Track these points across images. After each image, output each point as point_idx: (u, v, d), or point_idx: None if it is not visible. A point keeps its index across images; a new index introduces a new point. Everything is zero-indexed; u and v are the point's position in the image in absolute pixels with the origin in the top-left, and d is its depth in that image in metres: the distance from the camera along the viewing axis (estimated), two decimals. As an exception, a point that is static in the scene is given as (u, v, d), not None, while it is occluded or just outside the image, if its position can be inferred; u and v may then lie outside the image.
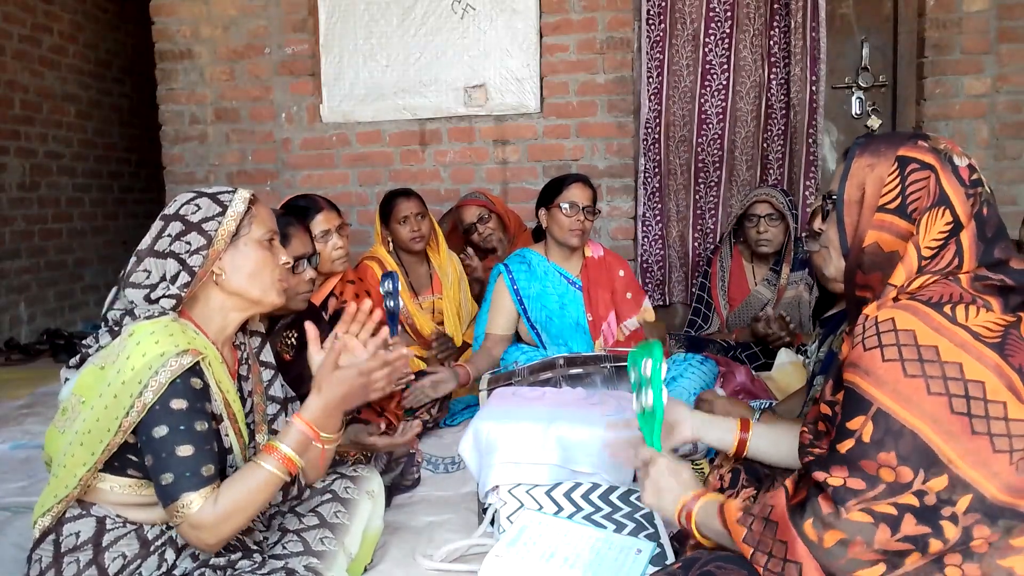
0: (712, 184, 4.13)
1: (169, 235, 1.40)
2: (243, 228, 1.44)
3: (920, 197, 1.16)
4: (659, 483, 1.35)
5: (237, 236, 1.43)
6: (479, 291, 3.31)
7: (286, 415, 1.60)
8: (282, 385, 1.62)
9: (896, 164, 1.18)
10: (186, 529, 1.28)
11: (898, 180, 1.17)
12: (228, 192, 1.46)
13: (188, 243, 1.39)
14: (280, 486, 1.36)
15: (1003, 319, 1.10)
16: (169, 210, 1.44)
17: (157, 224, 1.43)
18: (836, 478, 1.08)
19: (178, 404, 1.28)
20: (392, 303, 2.42)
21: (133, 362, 1.28)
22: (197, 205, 1.43)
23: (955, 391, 1.04)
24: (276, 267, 1.48)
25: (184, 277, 1.38)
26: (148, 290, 1.38)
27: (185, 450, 1.27)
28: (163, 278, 1.38)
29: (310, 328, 1.42)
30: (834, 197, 1.25)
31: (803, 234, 3.25)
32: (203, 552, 1.38)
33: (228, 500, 1.29)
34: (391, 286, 2.41)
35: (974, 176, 1.17)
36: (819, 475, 1.10)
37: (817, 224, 1.97)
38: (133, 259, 1.42)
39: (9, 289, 4.79)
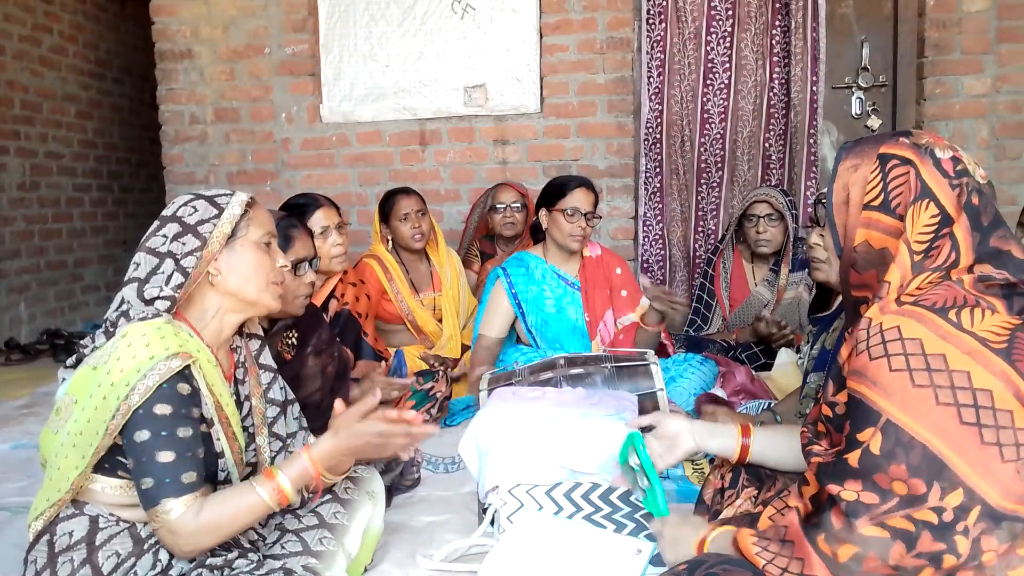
0: (714, 184, 4.12)
1: (165, 235, 1.40)
2: (240, 230, 1.44)
3: (902, 192, 1.16)
4: (675, 539, 1.39)
5: (233, 238, 1.43)
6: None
7: (285, 418, 1.60)
8: (282, 388, 1.62)
9: (878, 162, 1.19)
10: (164, 533, 1.29)
11: (879, 177, 1.18)
12: (226, 195, 1.46)
13: (183, 243, 1.39)
14: (266, 514, 1.37)
15: (1009, 322, 1.09)
16: (167, 211, 1.44)
17: (155, 224, 1.44)
18: (850, 492, 1.08)
19: (162, 409, 1.28)
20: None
21: (122, 364, 1.28)
22: (194, 207, 1.43)
23: (964, 401, 1.04)
24: (272, 270, 1.48)
25: (178, 278, 1.38)
26: (138, 284, 1.37)
27: (166, 456, 1.27)
28: (153, 272, 1.38)
29: (339, 405, 1.43)
30: (824, 201, 1.26)
31: (803, 234, 3.25)
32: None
33: (212, 514, 1.29)
34: (397, 367, 2.51)
35: (959, 167, 1.17)
36: (833, 488, 1.10)
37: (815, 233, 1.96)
38: (135, 256, 1.42)
39: (9, 289, 4.79)
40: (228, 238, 1.42)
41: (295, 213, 2.40)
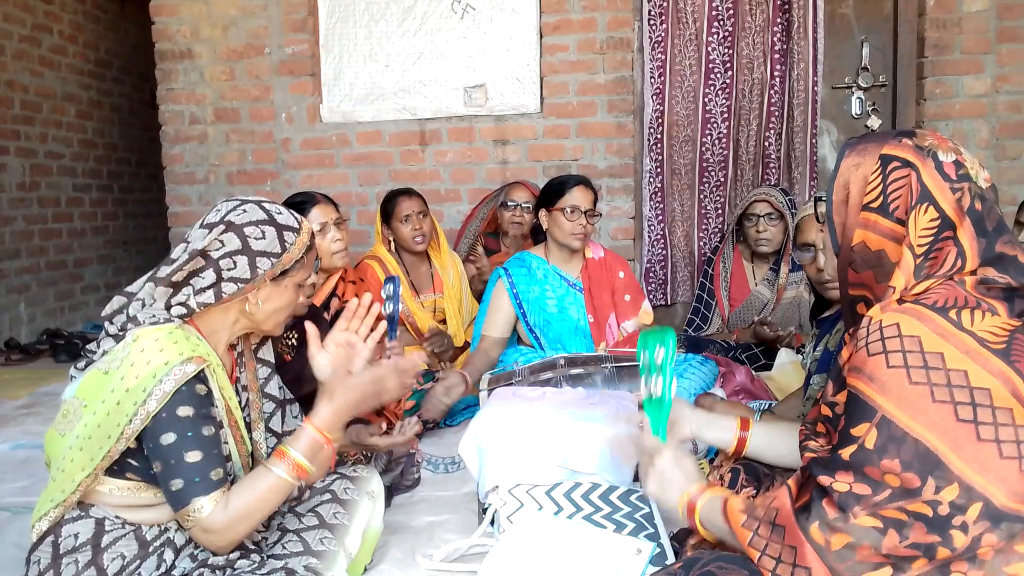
0: (717, 184, 4.12)
1: (222, 242, 1.39)
2: (290, 271, 1.44)
3: (902, 195, 1.15)
4: (664, 474, 1.35)
5: (282, 276, 1.43)
6: (483, 290, 3.31)
7: (282, 416, 1.60)
8: (280, 387, 1.62)
9: (879, 163, 1.18)
10: (198, 532, 1.29)
11: (880, 179, 1.17)
12: (294, 231, 1.44)
13: (234, 263, 1.38)
14: (290, 491, 1.37)
15: (1009, 324, 1.09)
16: (235, 218, 1.41)
17: (218, 227, 1.39)
18: (841, 483, 1.08)
19: (185, 411, 1.29)
20: (391, 307, 2.42)
21: (137, 370, 1.28)
22: (262, 232, 1.40)
23: (960, 399, 1.04)
24: (295, 303, 1.49)
25: (209, 298, 1.38)
26: (175, 288, 1.36)
27: (194, 456, 1.28)
28: (195, 274, 1.37)
29: (310, 327, 1.43)
30: (823, 198, 1.26)
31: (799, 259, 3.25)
32: (202, 552, 1.38)
33: (238, 504, 1.30)
34: (392, 290, 2.42)
35: (960, 171, 1.16)
36: (824, 479, 1.10)
37: (818, 256, 1.95)
38: (184, 256, 1.38)
39: (9, 289, 4.79)
40: (276, 277, 1.43)
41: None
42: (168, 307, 1.36)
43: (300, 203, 2.54)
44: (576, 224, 2.80)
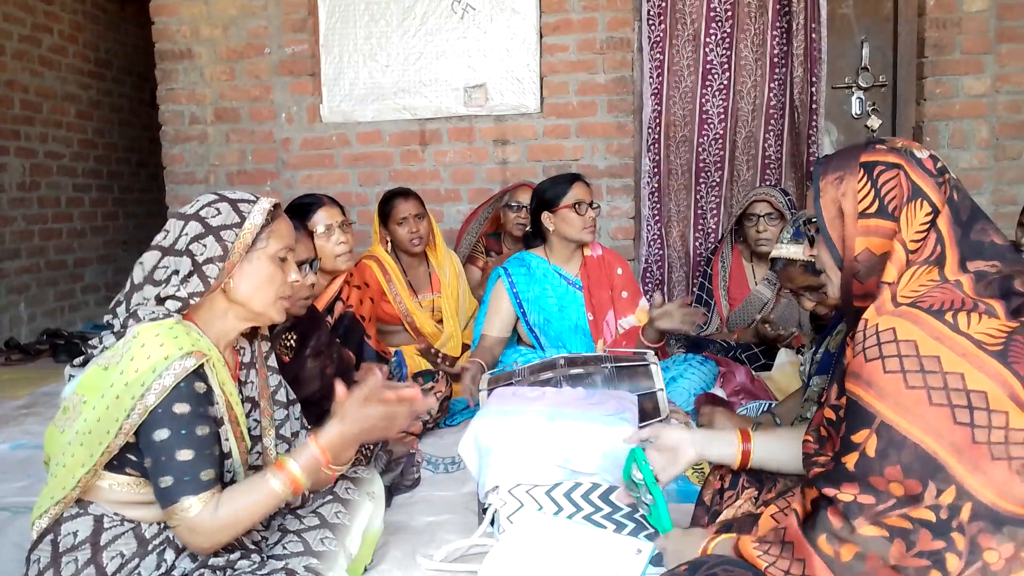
0: (713, 184, 4.13)
1: (187, 234, 1.40)
2: (259, 241, 1.43)
3: (896, 195, 1.18)
4: (678, 553, 1.40)
5: (252, 248, 1.42)
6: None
7: (289, 419, 1.60)
8: (286, 390, 1.62)
9: (863, 171, 1.21)
10: (183, 532, 1.29)
11: (869, 185, 1.20)
12: (249, 202, 1.44)
13: (204, 246, 1.38)
14: (282, 503, 1.37)
15: (1006, 325, 1.09)
16: (189, 210, 1.43)
17: (174, 222, 1.42)
18: (846, 494, 1.08)
19: (180, 408, 1.29)
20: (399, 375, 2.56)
21: (137, 364, 1.28)
22: (217, 209, 1.42)
23: (957, 402, 1.04)
24: (283, 284, 1.47)
25: (198, 285, 1.38)
26: (159, 286, 1.37)
27: (185, 454, 1.28)
28: (174, 271, 1.38)
29: (339, 388, 1.44)
30: (814, 220, 1.26)
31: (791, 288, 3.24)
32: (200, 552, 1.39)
33: (229, 509, 1.30)
34: (397, 367, 2.53)
35: (938, 165, 1.21)
36: (829, 491, 1.10)
37: (807, 252, 1.96)
38: (152, 254, 1.40)
39: (9, 289, 4.79)
40: (248, 248, 1.42)
41: (297, 214, 2.41)
42: (161, 302, 1.37)
43: (306, 205, 2.54)
44: (587, 217, 2.86)
